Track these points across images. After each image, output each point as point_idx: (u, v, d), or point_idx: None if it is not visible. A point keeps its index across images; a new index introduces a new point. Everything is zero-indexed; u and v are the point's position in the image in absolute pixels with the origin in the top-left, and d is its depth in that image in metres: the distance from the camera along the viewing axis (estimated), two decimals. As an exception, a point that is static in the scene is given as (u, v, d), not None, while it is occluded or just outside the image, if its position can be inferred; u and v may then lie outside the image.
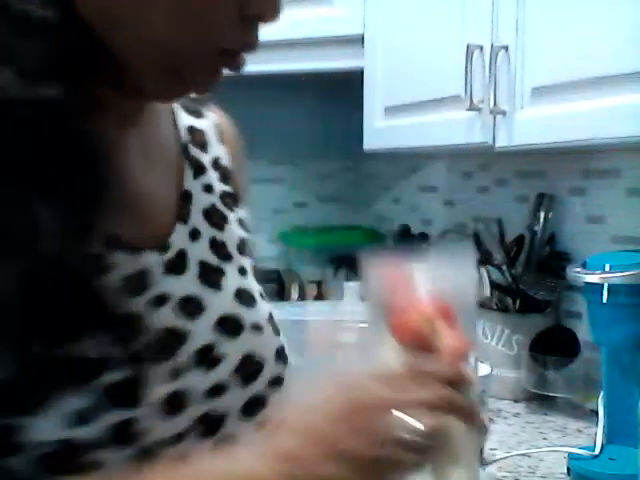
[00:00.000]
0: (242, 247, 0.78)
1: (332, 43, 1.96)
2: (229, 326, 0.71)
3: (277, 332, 0.77)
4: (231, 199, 0.79)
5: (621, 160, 1.64)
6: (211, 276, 0.72)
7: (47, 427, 0.57)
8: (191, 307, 0.69)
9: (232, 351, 0.70)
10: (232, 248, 0.76)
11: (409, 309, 0.64)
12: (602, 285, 1.27)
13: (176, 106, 0.77)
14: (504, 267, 1.80)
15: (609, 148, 1.56)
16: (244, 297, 0.74)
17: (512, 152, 1.55)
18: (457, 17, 1.57)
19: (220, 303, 0.71)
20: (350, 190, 2.62)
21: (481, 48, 1.48)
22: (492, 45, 1.45)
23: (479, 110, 1.49)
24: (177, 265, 0.69)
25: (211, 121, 0.81)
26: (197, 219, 0.73)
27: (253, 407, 0.71)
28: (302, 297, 2.41)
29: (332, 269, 2.43)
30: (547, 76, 1.36)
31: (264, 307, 0.77)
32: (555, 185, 1.81)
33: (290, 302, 2.29)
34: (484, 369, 1.27)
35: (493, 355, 1.74)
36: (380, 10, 1.86)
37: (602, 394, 1.32)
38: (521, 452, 1.41)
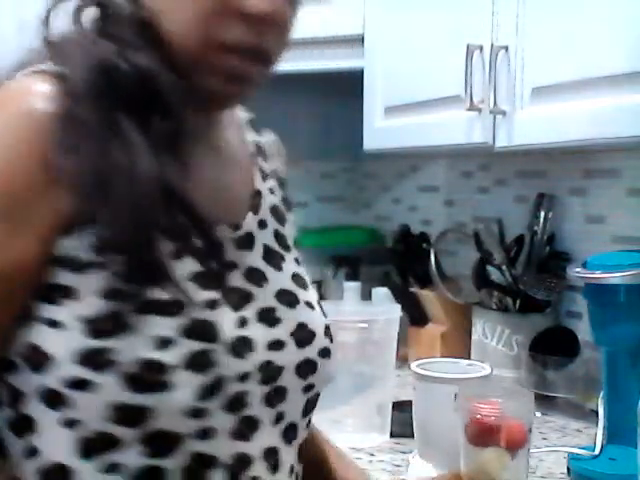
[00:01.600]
0: (296, 242, 0.94)
1: (332, 43, 1.96)
2: (287, 298, 0.84)
3: (324, 314, 0.90)
4: (287, 204, 0.95)
5: (621, 160, 1.64)
6: (273, 258, 0.86)
7: (135, 348, 0.70)
8: (256, 276, 0.82)
9: (289, 317, 0.83)
10: (290, 241, 0.92)
11: None
12: (602, 285, 1.27)
13: (244, 124, 0.94)
14: (504, 267, 1.80)
15: (609, 148, 1.56)
16: (299, 280, 0.88)
17: (512, 152, 1.55)
18: (457, 17, 1.58)
19: (280, 279, 0.85)
20: (350, 190, 2.62)
21: (481, 48, 1.48)
22: (492, 45, 1.45)
23: (479, 110, 1.49)
24: (246, 243, 0.83)
25: (268, 138, 0.98)
26: (265, 213, 0.87)
27: (305, 368, 0.83)
28: (302, 297, 2.41)
29: (332, 269, 2.43)
30: (547, 76, 1.36)
31: (314, 293, 0.91)
32: (555, 185, 1.81)
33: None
34: (484, 369, 1.27)
35: (493, 355, 1.74)
36: (380, 10, 1.86)
37: (602, 394, 1.32)
38: (521, 452, 1.41)
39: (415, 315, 2.00)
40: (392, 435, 1.50)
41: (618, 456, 1.27)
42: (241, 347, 0.77)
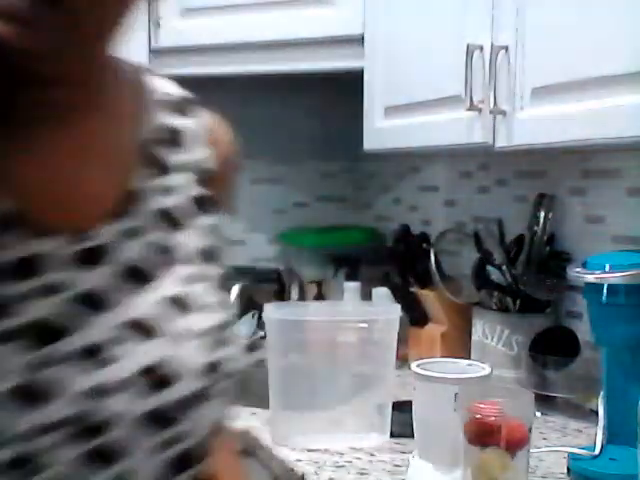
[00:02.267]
0: (205, 254, 0.74)
1: (332, 43, 1.96)
2: (138, 329, 0.66)
3: (217, 344, 0.70)
4: (206, 204, 0.76)
5: (621, 160, 1.64)
6: (136, 276, 0.68)
7: None
8: (91, 302, 0.65)
9: (136, 354, 0.65)
10: (185, 253, 0.72)
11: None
12: (602, 285, 1.27)
13: (158, 105, 0.76)
14: (504, 267, 1.80)
15: (609, 148, 1.56)
16: (176, 304, 0.69)
17: (512, 152, 1.55)
18: (457, 17, 1.57)
19: (137, 305, 0.67)
20: (350, 190, 2.62)
21: (481, 48, 1.48)
22: (492, 45, 1.45)
23: (479, 110, 1.49)
24: (91, 258, 0.66)
25: (201, 123, 0.79)
26: (142, 219, 0.70)
27: (158, 419, 0.66)
28: (302, 297, 2.41)
29: (332, 269, 2.43)
30: (547, 76, 1.36)
31: (207, 318, 0.71)
32: (555, 185, 1.81)
33: (290, 302, 2.30)
34: (484, 369, 1.27)
35: (493, 355, 1.74)
36: (380, 10, 1.86)
37: (602, 394, 1.32)
38: (521, 452, 1.41)
39: (415, 315, 2.00)
40: (392, 435, 1.50)
41: (618, 456, 1.27)
42: (34, 394, 0.60)
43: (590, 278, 1.28)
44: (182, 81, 0.83)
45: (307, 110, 2.51)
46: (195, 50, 2.10)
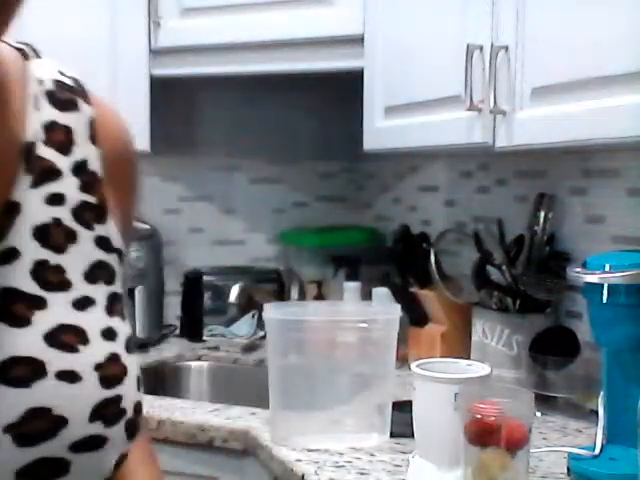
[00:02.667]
0: (94, 273, 0.65)
1: (332, 43, 1.96)
2: (18, 371, 0.58)
3: (108, 380, 0.62)
4: (93, 213, 0.66)
5: (621, 160, 1.64)
6: (17, 309, 0.59)
7: None
8: None
9: (10, 401, 0.57)
10: (74, 274, 0.63)
11: None
12: (602, 285, 1.27)
13: (36, 99, 0.66)
14: (504, 267, 1.80)
15: (609, 148, 1.56)
16: (65, 336, 0.61)
17: (512, 152, 1.55)
18: (457, 17, 1.57)
19: (17, 342, 0.58)
20: (350, 190, 2.62)
21: (481, 48, 1.48)
22: (492, 45, 1.45)
23: (479, 110, 1.49)
24: None
25: (85, 116, 0.68)
26: (20, 237, 0.61)
27: (42, 471, 0.58)
28: (302, 297, 2.41)
29: (332, 269, 2.43)
30: (547, 76, 1.36)
31: (103, 349, 0.63)
32: (555, 185, 1.81)
33: (290, 302, 2.30)
34: (484, 369, 1.27)
35: (493, 355, 1.74)
36: (380, 10, 1.86)
37: (602, 394, 1.32)
38: (521, 452, 1.41)
39: (415, 315, 2.00)
40: (392, 435, 1.50)
41: (618, 456, 1.27)
42: None
43: (590, 278, 1.28)
44: (182, 81, 0.83)
45: (307, 110, 2.51)
46: (195, 50, 2.09)
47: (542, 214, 1.80)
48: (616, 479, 1.25)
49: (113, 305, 0.66)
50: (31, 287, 0.60)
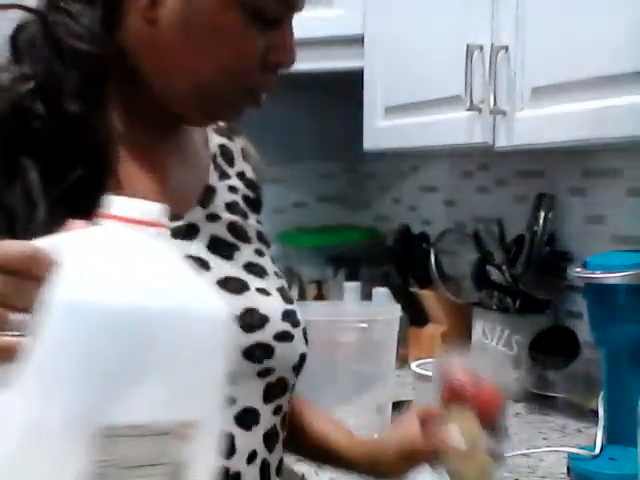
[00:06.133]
0: (261, 237, 0.94)
1: (332, 43, 1.96)
2: (233, 285, 0.84)
3: (287, 300, 0.89)
4: (253, 204, 0.97)
5: (621, 160, 1.64)
6: (221, 248, 0.86)
7: None
8: (193, 265, 0.76)
9: (234, 303, 0.82)
10: (252, 234, 0.92)
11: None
12: (602, 285, 1.27)
13: (209, 130, 0.94)
14: (504, 267, 1.80)
15: (609, 148, 1.56)
16: (254, 269, 0.88)
17: (512, 152, 1.55)
18: (457, 17, 1.57)
19: (227, 268, 0.85)
20: (350, 190, 2.62)
21: (481, 48, 1.48)
22: (492, 45, 1.45)
23: (479, 110, 1.49)
24: (186, 233, 0.84)
25: (238, 144, 0.99)
26: (218, 207, 0.89)
27: (257, 352, 0.82)
28: (302, 297, 2.40)
29: (332, 269, 2.43)
30: (547, 76, 1.36)
31: (276, 280, 0.90)
32: (555, 185, 1.81)
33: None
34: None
35: (493, 355, 1.74)
36: (380, 10, 1.86)
37: (602, 394, 1.32)
38: (521, 452, 1.41)
39: (415, 315, 2.00)
40: (392, 435, 1.50)
41: (618, 456, 1.27)
42: None
43: (590, 278, 1.28)
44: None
45: (307, 110, 2.51)
46: (195, 50, 2.09)
47: (542, 214, 1.80)
48: (616, 479, 1.25)
49: (272, 260, 0.94)
50: (228, 237, 0.88)
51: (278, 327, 0.85)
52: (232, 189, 0.93)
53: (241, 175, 0.97)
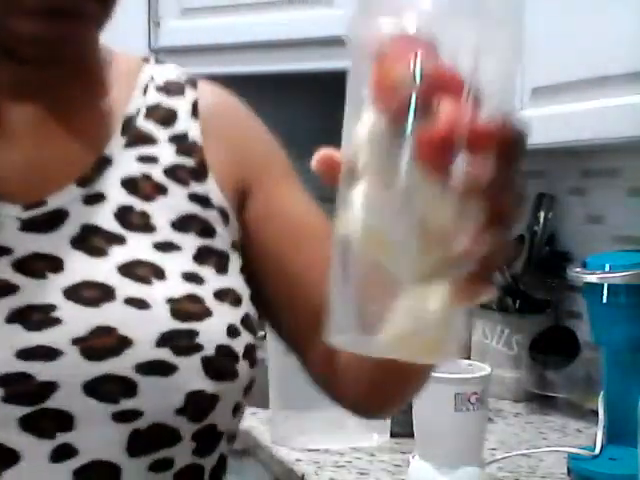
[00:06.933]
0: (185, 223, 0.71)
1: (332, 43, 1.96)
2: (88, 294, 0.64)
3: (181, 315, 0.65)
4: (189, 172, 0.73)
5: (621, 160, 1.64)
6: (95, 241, 0.67)
7: None
8: (38, 265, 0.65)
9: (82, 318, 0.63)
10: (160, 221, 0.70)
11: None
12: (602, 285, 1.27)
13: (146, 89, 0.77)
14: (504, 267, 1.79)
15: (609, 148, 1.56)
16: (138, 270, 0.66)
17: (512, 152, 1.55)
18: (457, 17, 1.57)
19: (90, 269, 0.66)
20: (350, 190, 2.62)
21: (481, 48, 1.47)
22: (492, 45, 1.45)
23: (479, 110, 1.49)
24: (44, 223, 0.66)
25: (189, 98, 0.78)
26: (109, 185, 0.69)
27: (110, 388, 0.62)
28: (302, 297, 2.40)
29: (332, 269, 2.42)
30: (547, 76, 1.36)
31: (181, 288, 0.67)
32: (555, 185, 1.81)
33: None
34: (484, 369, 1.27)
35: (493, 355, 1.74)
36: (380, 10, 1.86)
37: (602, 394, 1.32)
38: (521, 452, 1.41)
39: (415, 315, 1.99)
40: (392, 435, 1.50)
41: (618, 456, 1.27)
42: None
43: (590, 278, 1.28)
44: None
45: (307, 110, 2.51)
46: (195, 50, 2.09)
47: (542, 214, 1.80)
48: (616, 479, 1.25)
49: (205, 256, 0.70)
50: (112, 226, 0.68)
51: (146, 355, 0.63)
52: (146, 159, 0.72)
53: (179, 138, 0.74)
